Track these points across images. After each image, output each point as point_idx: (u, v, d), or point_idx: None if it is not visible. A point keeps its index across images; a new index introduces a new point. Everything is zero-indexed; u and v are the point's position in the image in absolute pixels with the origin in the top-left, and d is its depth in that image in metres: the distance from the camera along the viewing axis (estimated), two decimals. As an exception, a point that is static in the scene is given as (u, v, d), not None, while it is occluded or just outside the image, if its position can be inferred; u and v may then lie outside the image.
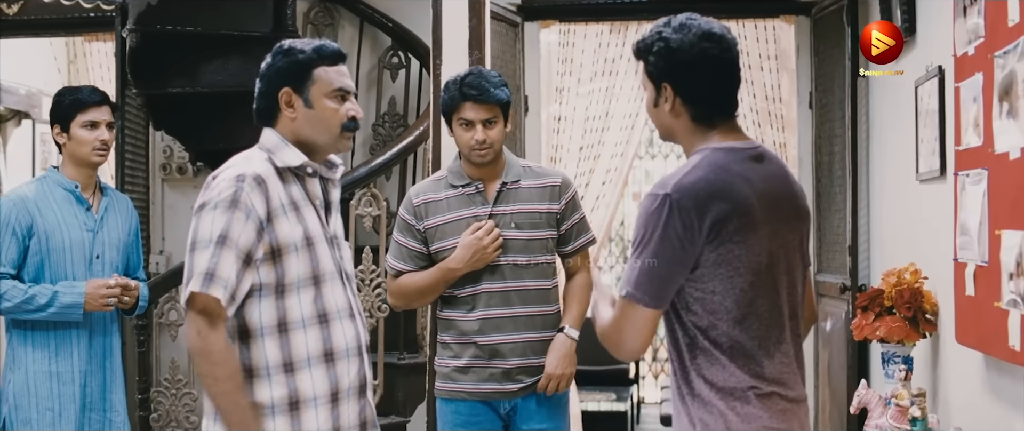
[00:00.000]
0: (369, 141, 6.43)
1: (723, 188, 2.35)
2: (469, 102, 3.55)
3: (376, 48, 6.48)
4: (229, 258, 2.58)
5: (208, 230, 2.60)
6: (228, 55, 5.74)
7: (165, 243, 6.63)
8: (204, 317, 2.58)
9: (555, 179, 3.70)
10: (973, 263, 3.33)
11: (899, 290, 4.00)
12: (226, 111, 5.85)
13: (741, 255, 2.35)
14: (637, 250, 2.36)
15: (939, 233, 3.91)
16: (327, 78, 2.78)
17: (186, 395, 5.27)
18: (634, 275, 2.36)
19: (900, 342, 4.01)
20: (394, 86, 6.43)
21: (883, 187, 4.96)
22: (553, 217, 3.66)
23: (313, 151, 2.79)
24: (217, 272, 2.57)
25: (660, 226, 2.32)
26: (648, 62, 2.47)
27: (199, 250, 2.60)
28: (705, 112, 2.45)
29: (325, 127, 2.78)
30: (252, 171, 2.66)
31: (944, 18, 3.82)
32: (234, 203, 2.60)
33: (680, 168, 2.40)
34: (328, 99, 2.78)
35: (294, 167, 2.74)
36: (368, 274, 5.09)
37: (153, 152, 6.59)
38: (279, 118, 2.79)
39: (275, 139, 2.78)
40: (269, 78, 2.80)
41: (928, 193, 4.13)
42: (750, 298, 2.38)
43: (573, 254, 3.74)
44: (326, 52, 2.80)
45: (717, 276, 2.36)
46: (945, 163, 3.85)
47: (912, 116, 4.28)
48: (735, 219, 2.34)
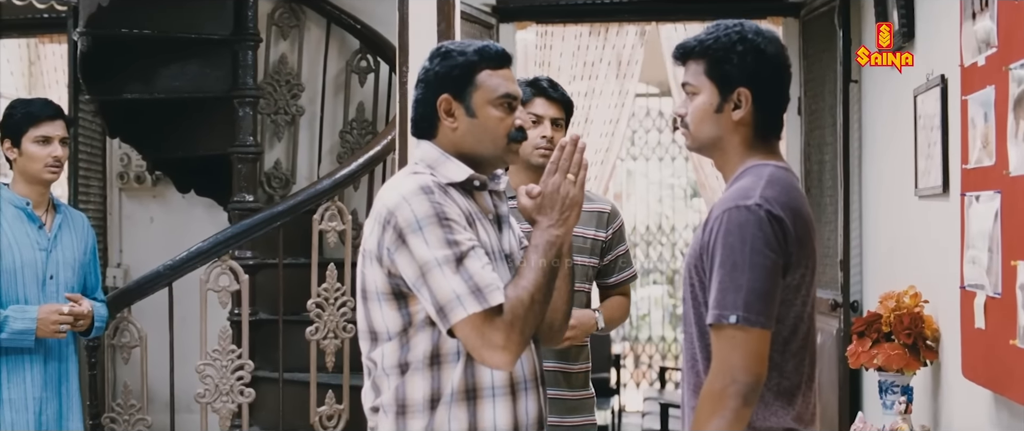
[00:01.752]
0: (336, 149, 6.20)
1: (800, 207, 2.25)
2: (542, 97, 3.38)
3: (344, 51, 6.24)
4: (476, 263, 2.31)
5: (431, 253, 2.30)
6: (186, 59, 5.60)
7: (123, 256, 6.39)
8: (494, 330, 2.30)
9: (605, 206, 3.53)
10: (983, 293, 3.06)
11: (898, 315, 3.75)
12: (185, 117, 5.80)
13: (804, 282, 2.24)
14: (728, 268, 2.15)
15: (941, 254, 3.68)
16: (491, 83, 2.47)
17: (139, 422, 4.98)
18: (738, 297, 2.14)
19: (899, 371, 3.75)
20: (363, 91, 6.21)
21: (878, 200, 4.74)
22: (599, 245, 3.48)
23: (478, 164, 2.50)
24: (477, 281, 2.30)
25: (755, 239, 2.15)
26: (725, 62, 2.30)
27: (440, 276, 2.30)
28: (771, 124, 2.34)
29: (490, 138, 2.48)
30: (427, 182, 2.38)
31: (948, 23, 3.56)
32: (439, 215, 2.33)
33: (749, 182, 2.24)
34: (493, 107, 2.47)
35: (460, 182, 2.46)
36: (333, 293, 4.82)
37: (110, 160, 6.37)
38: (439, 129, 2.49)
39: (435, 153, 2.48)
40: (427, 84, 2.50)
41: (929, 210, 3.87)
42: (805, 331, 2.26)
43: (616, 287, 3.56)
44: (490, 54, 2.50)
45: (783, 302, 2.21)
46: (948, 180, 3.59)
47: (911, 127, 4.03)
48: (807, 242, 2.24)
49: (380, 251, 2.35)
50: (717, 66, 2.30)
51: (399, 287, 2.35)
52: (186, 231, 5.88)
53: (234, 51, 5.54)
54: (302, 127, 6.21)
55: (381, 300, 2.39)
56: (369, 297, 2.41)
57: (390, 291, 2.37)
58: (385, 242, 2.34)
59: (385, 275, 2.36)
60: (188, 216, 6.21)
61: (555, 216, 2.43)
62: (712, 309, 2.17)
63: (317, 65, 6.18)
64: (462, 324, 2.28)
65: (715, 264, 2.17)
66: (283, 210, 4.87)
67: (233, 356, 4.79)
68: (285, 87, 6.12)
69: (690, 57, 2.35)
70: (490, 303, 2.28)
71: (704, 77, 2.32)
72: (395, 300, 2.37)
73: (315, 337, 4.83)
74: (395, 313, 2.38)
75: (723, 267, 2.16)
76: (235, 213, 5.53)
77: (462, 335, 2.31)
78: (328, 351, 4.83)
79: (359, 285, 2.44)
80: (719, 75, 2.30)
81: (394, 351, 2.39)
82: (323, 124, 6.18)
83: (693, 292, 2.28)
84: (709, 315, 2.18)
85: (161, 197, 6.33)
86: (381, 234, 2.35)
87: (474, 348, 2.31)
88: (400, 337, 2.38)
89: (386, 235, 2.34)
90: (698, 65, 2.33)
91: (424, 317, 2.35)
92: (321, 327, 4.82)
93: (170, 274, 4.77)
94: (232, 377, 4.78)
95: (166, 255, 4.88)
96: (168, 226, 6.26)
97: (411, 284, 2.32)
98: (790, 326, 2.23)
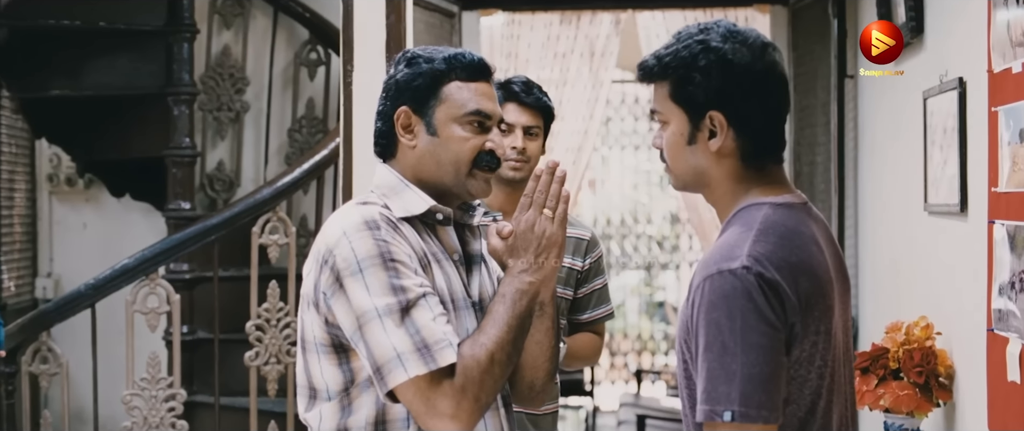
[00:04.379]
0: (285, 148, 5.75)
1: (804, 260, 1.80)
2: (513, 102, 3.03)
3: (292, 42, 5.77)
4: (425, 314, 1.95)
5: (371, 302, 1.94)
6: (116, 52, 5.19)
7: (54, 265, 5.95)
8: (442, 396, 1.94)
9: (584, 232, 3.17)
10: (1019, 340, 2.60)
11: (908, 350, 3.31)
12: (117, 116, 5.42)
13: (817, 351, 1.80)
14: (716, 351, 1.72)
15: (956, 281, 3.25)
16: (459, 97, 2.10)
17: (60, 456, 4.53)
18: (731, 387, 1.70)
19: (909, 413, 3.31)
20: (312, 85, 5.76)
21: (877, 210, 4.32)
22: (574, 276, 3.10)
23: (441, 194, 2.12)
24: (424, 337, 1.94)
25: (746, 312, 1.72)
26: (688, 83, 1.86)
27: (379, 329, 1.94)
28: (762, 149, 1.88)
29: (451, 161, 2.10)
30: (374, 215, 2.02)
31: (967, 16, 3.11)
32: (384, 255, 1.97)
33: (735, 235, 1.81)
34: (458, 125, 2.10)
35: (419, 216, 2.09)
36: (275, 313, 4.38)
37: (39, 160, 5.94)
38: (397, 148, 2.14)
39: (391, 178, 2.12)
40: (387, 94, 2.15)
41: (942, 229, 3.43)
42: (825, 407, 1.81)
43: (589, 326, 3.15)
44: (461, 63, 2.12)
45: (793, 379, 1.77)
46: (966, 199, 3.15)
47: (919, 132, 3.58)
48: (820, 302, 1.80)
49: (317, 295, 2.01)
50: (680, 88, 1.87)
51: (338, 339, 2.01)
52: (123, 238, 5.51)
53: (168, 44, 5.11)
54: (247, 125, 5.76)
55: (320, 353, 2.03)
56: (307, 348, 2.05)
57: (329, 343, 2.02)
58: (322, 285, 1.99)
59: (323, 324, 2.01)
60: (124, 222, 5.77)
61: (529, 259, 2.06)
62: (701, 404, 1.71)
63: (263, 57, 5.72)
64: (403, 388, 1.93)
65: (700, 347, 1.75)
66: (218, 223, 4.44)
67: (164, 385, 4.34)
68: (229, 81, 5.65)
69: (651, 78, 1.92)
70: (438, 364, 1.92)
71: (670, 102, 1.89)
72: (335, 354, 2.02)
73: (255, 363, 4.39)
74: (335, 369, 2.03)
75: (710, 351, 1.73)
76: (171, 222, 5.09)
77: (405, 401, 1.96)
78: (270, 377, 4.39)
79: (298, 332, 2.09)
80: (684, 98, 1.87)
81: (333, 414, 2.03)
82: (270, 121, 5.73)
83: (685, 369, 1.84)
84: (699, 412, 1.72)
85: (95, 201, 5.87)
86: (318, 275, 2.00)
87: (418, 416, 1.97)
88: (341, 397, 2.03)
89: (323, 277, 1.99)
90: (662, 88, 1.90)
91: (368, 375, 1.99)
92: (262, 351, 4.38)
93: (93, 294, 4.34)
94: (163, 408, 4.34)
95: (102, 264, 4.50)
96: (103, 233, 5.82)
97: (348, 336, 1.98)
98: (806, 406, 1.77)
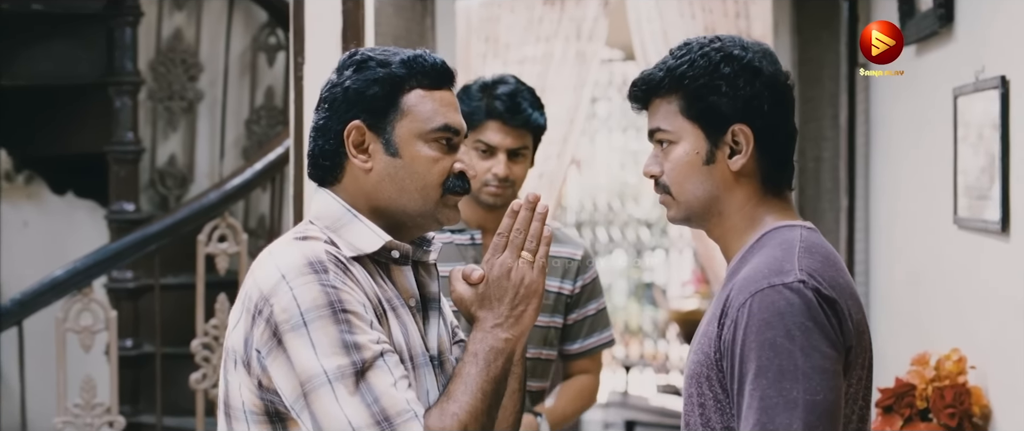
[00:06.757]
0: (242, 141, 5.45)
1: (850, 284, 1.75)
2: (497, 121, 2.73)
3: (250, 25, 5.47)
4: (383, 378, 1.67)
5: (318, 363, 1.66)
6: (51, 39, 4.85)
7: (-9, 266, 5.48)
8: None
9: (575, 250, 2.89)
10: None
11: (938, 388, 2.92)
12: (56, 108, 5.09)
13: (865, 389, 1.76)
14: (772, 376, 1.61)
15: (994, 309, 2.87)
16: (424, 110, 1.83)
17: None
18: (793, 417, 1.59)
19: (939, 460, 2.93)
20: (272, 72, 5.46)
21: (893, 218, 3.94)
22: (562, 301, 2.84)
23: (398, 226, 1.84)
24: (384, 407, 1.65)
25: (808, 330, 1.63)
26: (711, 93, 1.79)
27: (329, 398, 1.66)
28: (781, 168, 1.85)
29: (418, 187, 1.82)
30: (320, 254, 1.73)
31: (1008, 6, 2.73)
32: (334, 305, 1.68)
33: (776, 252, 1.73)
34: (424, 143, 1.83)
35: (371, 254, 1.80)
36: (223, 329, 4.00)
37: (-27, 155, 5.49)
38: (345, 171, 1.84)
39: (336, 208, 1.83)
40: (331, 105, 1.84)
41: (977, 249, 3.03)
42: None
43: (580, 357, 2.89)
44: (423, 67, 1.84)
45: None
46: (1008, 216, 2.75)
47: (948, 134, 3.18)
48: (866, 332, 1.75)
49: (248, 353, 1.71)
50: (698, 101, 1.79)
51: (274, 406, 1.72)
52: (68, 237, 5.17)
53: (109, 28, 4.75)
54: (202, 115, 5.45)
55: (249, 422, 1.74)
56: (233, 415, 1.76)
57: (262, 410, 1.73)
58: (255, 341, 1.70)
59: (255, 387, 1.72)
60: (69, 220, 5.39)
61: (504, 311, 1.78)
62: None
63: (219, 42, 5.40)
64: None
65: (749, 373, 1.63)
66: (159, 230, 4.12)
67: (100, 410, 3.94)
68: (181, 67, 5.35)
69: (656, 94, 1.81)
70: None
71: (681, 119, 1.81)
72: (269, 424, 1.73)
73: (202, 385, 3.99)
74: None
75: (763, 376, 1.62)
76: (113, 225, 4.73)
77: None
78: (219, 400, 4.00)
79: (221, 395, 1.78)
80: (704, 113, 1.79)
81: None
82: (226, 112, 5.42)
83: (704, 414, 1.71)
84: None
85: (36, 198, 5.50)
86: (250, 329, 1.71)
87: None
88: None
89: (256, 332, 1.69)
90: (669, 104, 1.81)
91: None
92: (210, 372, 3.99)
93: (19, 311, 3.99)
94: (99, 436, 3.96)
95: (45, 266, 4.20)
96: (46, 232, 5.44)
97: (289, 405, 1.69)
98: None
